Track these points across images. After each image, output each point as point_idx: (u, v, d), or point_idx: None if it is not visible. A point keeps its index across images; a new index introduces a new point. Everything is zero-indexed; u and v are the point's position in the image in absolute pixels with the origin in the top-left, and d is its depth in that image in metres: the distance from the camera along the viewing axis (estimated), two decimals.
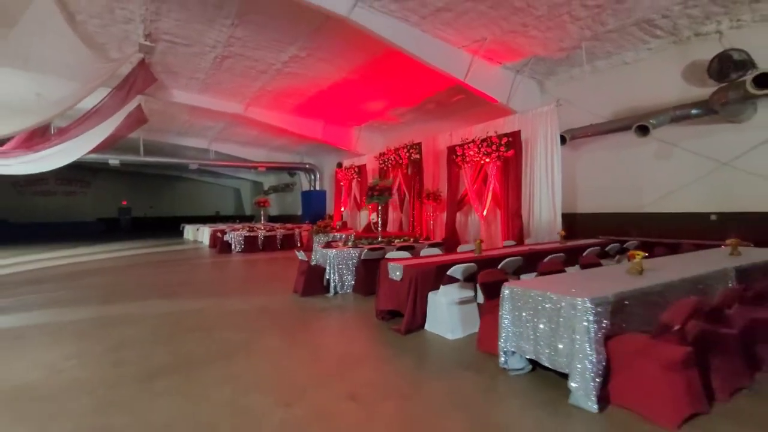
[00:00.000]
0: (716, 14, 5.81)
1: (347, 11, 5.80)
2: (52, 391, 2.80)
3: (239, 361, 3.31)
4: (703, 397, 2.32)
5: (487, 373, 2.97)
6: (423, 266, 4.05)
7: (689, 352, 2.25)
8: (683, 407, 2.19)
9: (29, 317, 4.74)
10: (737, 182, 6.08)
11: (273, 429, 2.29)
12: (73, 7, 6.16)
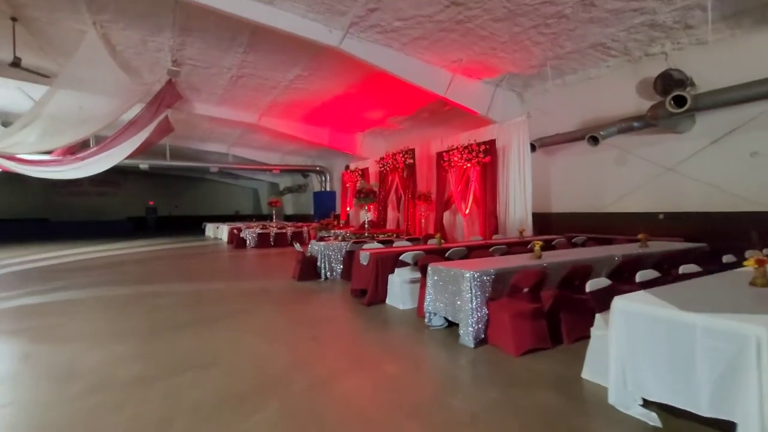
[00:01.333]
0: (659, 38, 6.73)
1: (338, 42, 7.01)
2: (110, 335, 4.12)
3: (240, 320, 4.57)
4: (548, 339, 3.41)
5: (416, 329, 4.12)
6: (385, 254, 5.22)
7: (532, 307, 3.35)
8: (525, 343, 3.28)
9: (85, 292, 6.17)
10: (680, 185, 6.99)
11: (257, 355, 3.51)
12: (114, 41, 7.62)
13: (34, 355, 3.51)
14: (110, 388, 2.83)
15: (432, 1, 6.00)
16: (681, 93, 5.75)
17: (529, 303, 3.42)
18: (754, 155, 6.17)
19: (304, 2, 6.15)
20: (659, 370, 2.18)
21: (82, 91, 7.85)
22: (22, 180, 16.09)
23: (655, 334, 2.21)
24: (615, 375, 2.37)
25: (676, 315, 2.12)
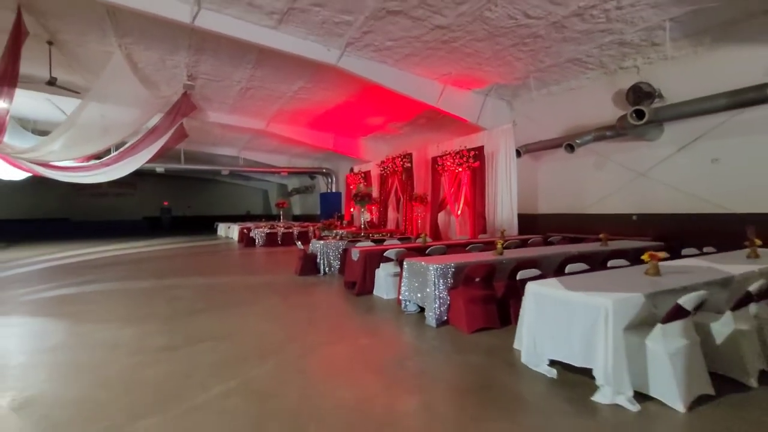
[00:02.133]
0: (630, 53, 7.39)
1: (336, 60, 7.83)
2: (139, 317, 5.01)
3: (247, 306, 5.42)
4: (497, 319, 4.18)
5: (393, 314, 4.92)
6: (372, 251, 6.03)
7: (483, 294, 4.12)
8: (476, 323, 4.06)
9: (113, 284, 7.12)
10: (651, 189, 7.65)
11: (260, 332, 4.35)
12: (136, 59, 8.56)
13: (81, 331, 4.41)
14: (145, 353, 3.69)
15: (418, 25, 6.78)
16: (640, 107, 6.42)
17: (482, 290, 4.19)
18: (714, 162, 6.81)
19: (305, 27, 6.98)
20: (555, 335, 2.95)
21: (108, 104, 8.80)
22: (45, 183, 17.28)
23: (553, 308, 2.97)
24: (527, 341, 3.14)
25: (564, 294, 2.89)
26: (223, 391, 2.86)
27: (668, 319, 2.52)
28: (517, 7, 6.10)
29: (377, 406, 2.66)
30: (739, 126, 6.45)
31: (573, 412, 2.53)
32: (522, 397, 2.77)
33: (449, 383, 3.02)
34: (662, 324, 2.53)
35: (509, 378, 3.05)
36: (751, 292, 2.77)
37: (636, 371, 2.59)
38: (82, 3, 6.30)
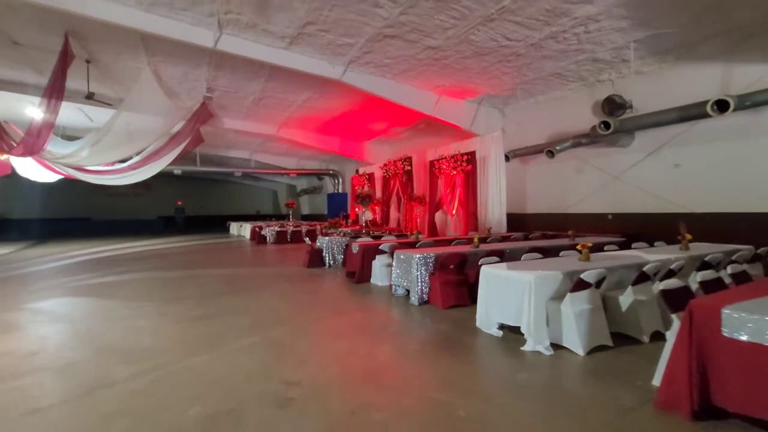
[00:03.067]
0: (605, 68, 8.29)
1: (340, 75, 8.86)
2: (176, 298, 6.09)
3: (262, 290, 6.48)
4: (467, 298, 5.16)
5: (385, 296, 5.93)
6: (370, 244, 7.04)
7: (456, 278, 5.11)
8: (449, 301, 5.05)
9: (147, 274, 8.24)
10: (624, 191, 8.55)
11: (274, 308, 5.39)
12: (162, 74, 9.68)
13: (134, 306, 5.49)
14: (188, 321, 4.75)
15: (412, 46, 7.77)
16: (606, 119, 7.33)
17: (455, 276, 5.17)
18: (676, 167, 7.70)
19: (312, 48, 8.02)
20: (499, 303, 3.93)
21: (137, 113, 9.93)
22: (68, 184, 18.63)
23: (497, 284, 3.96)
24: (480, 309, 4.13)
25: (505, 273, 3.87)
26: (250, 342, 3.91)
27: (575, 289, 3.49)
28: (498, 31, 7.06)
29: (362, 350, 3.68)
30: (697, 135, 7.33)
31: (505, 355, 3.52)
32: (471, 347, 3.76)
33: (419, 339, 4.02)
34: (570, 293, 3.49)
35: (466, 337, 4.03)
36: (646, 272, 3.72)
37: (554, 327, 3.57)
38: (120, 30, 7.40)
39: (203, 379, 3.08)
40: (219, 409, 2.60)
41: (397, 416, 2.54)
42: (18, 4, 6.16)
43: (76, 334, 4.31)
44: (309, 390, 2.90)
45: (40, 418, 2.55)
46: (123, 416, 2.54)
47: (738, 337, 2.19)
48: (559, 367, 3.26)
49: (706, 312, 2.34)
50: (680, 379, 2.39)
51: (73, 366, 3.38)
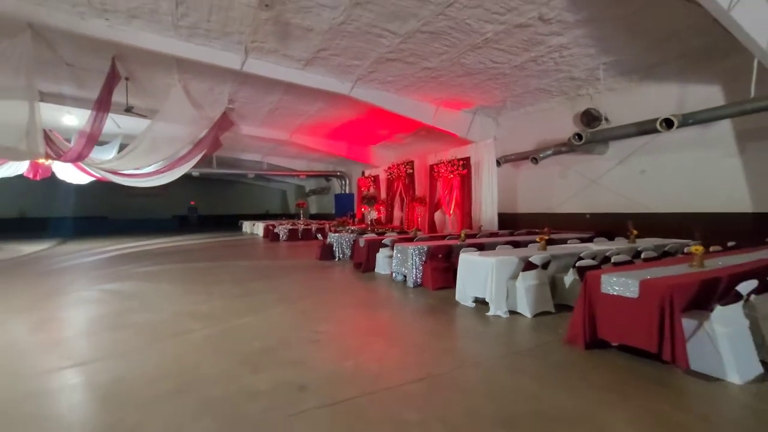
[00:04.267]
0: (582, 85, 9.52)
1: (348, 90, 10.17)
2: (215, 282, 7.42)
3: (282, 277, 7.79)
4: (453, 282, 6.41)
5: (387, 282, 7.21)
6: (375, 239, 8.33)
7: (443, 265, 6.38)
8: (437, 284, 6.32)
9: (181, 265, 9.61)
10: (600, 193, 9.76)
11: (292, 289, 6.69)
12: (189, 89, 11.04)
13: (183, 287, 6.83)
14: (229, 297, 6.08)
15: (411, 67, 9.05)
16: (579, 132, 8.56)
17: (443, 263, 6.45)
18: (642, 173, 8.91)
19: (324, 68, 9.33)
20: (472, 281, 5.20)
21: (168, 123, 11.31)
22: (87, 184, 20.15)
23: (470, 266, 5.23)
24: (458, 286, 5.42)
25: (476, 258, 5.15)
26: (281, 310, 5.23)
27: (525, 269, 4.75)
28: (484, 56, 8.32)
29: (367, 315, 5.00)
30: (659, 146, 8.54)
31: (473, 318, 4.80)
32: (450, 313, 5.04)
33: (411, 309, 5.32)
34: (522, 272, 4.76)
35: (447, 307, 5.32)
36: (582, 257, 4.97)
37: (511, 298, 4.84)
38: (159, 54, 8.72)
39: (255, 330, 4.40)
40: (272, 344, 3.92)
41: (390, 348, 3.84)
42: (79, 35, 7.50)
43: (148, 304, 5.66)
44: (330, 335, 4.20)
45: (157, 347, 3.87)
46: (208, 347, 3.86)
47: (609, 292, 3.45)
48: (510, 325, 4.53)
49: (593, 278, 3.60)
50: (578, 323, 3.66)
51: (158, 322, 4.72)
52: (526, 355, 3.65)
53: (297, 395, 2.84)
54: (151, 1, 6.82)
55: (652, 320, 3.12)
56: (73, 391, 2.97)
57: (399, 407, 2.67)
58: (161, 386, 3.00)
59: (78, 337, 4.27)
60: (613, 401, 2.72)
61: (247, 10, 6.91)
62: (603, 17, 6.69)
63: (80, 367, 3.40)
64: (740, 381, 2.89)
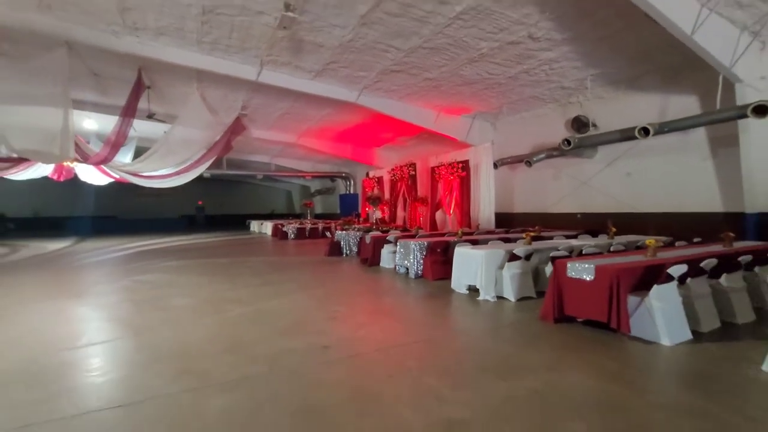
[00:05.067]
0: (573, 93, 10.34)
1: (355, 98, 11.03)
2: (236, 274, 8.29)
3: (295, 270, 8.66)
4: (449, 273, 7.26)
5: (391, 274, 8.07)
6: (380, 236, 9.19)
7: (442, 258, 7.23)
8: (436, 275, 7.17)
9: (201, 260, 10.50)
10: (590, 194, 10.57)
11: (307, 279, 7.56)
12: (206, 96, 11.93)
13: (211, 278, 7.70)
14: (251, 286, 6.95)
15: (413, 77, 9.90)
16: (568, 137, 9.38)
17: (441, 257, 7.30)
18: (628, 175, 9.72)
19: (333, 79, 10.19)
20: (466, 271, 6.05)
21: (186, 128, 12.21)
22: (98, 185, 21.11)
23: (464, 258, 6.08)
24: (454, 276, 6.27)
25: (469, 251, 6.00)
26: (299, 296, 6.11)
27: (510, 260, 5.60)
28: (481, 68, 9.17)
29: (374, 300, 5.86)
30: (643, 150, 9.34)
31: (466, 302, 5.64)
32: (445, 299, 5.89)
33: (412, 296, 6.18)
34: (507, 263, 5.60)
35: (443, 294, 6.17)
36: (558, 249, 5.80)
37: (499, 285, 5.68)
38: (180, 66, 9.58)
39: (281, 310, 5.27)
40: (297, 320, 4.79)
41: (395, 323, 4.70)
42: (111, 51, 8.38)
43: (183, 291, 6.54)
44: (344, 314, 5.07)
45: (202, 321, 4.74)
46: (244, 322, 4.73)
47: (572, 276, 4.29)
48: (497, 307, 5.38)
49: (561, 264, 4.44)
50: (549, 302, 4.50)
51: (197, 304, 5.60)
52: (507, 328, 4.49)
53: (323, 352, 3.70)
54: (179, 21, 7.69)
55: (604, 297, 3.96)
56: (144, 349, 3.83)
57: (402, 359, 3.53)
58: (214, 347, 3.86)
59: (133, 314, 5.14)
60: (567, 356, 3.56)
61: (266, 30, 7.78)
62: (587, 37, 7.53)
63: (144, 335, 4.26)
64: (670, 343, 3.72)
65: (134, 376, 3.21)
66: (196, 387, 2.97)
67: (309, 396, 2.84)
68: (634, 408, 2.63)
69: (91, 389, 3.01)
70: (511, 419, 2.52)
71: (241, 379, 3.12)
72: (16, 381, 3.09)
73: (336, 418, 2.53)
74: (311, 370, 3.31)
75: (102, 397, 2.86)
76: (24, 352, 3.76)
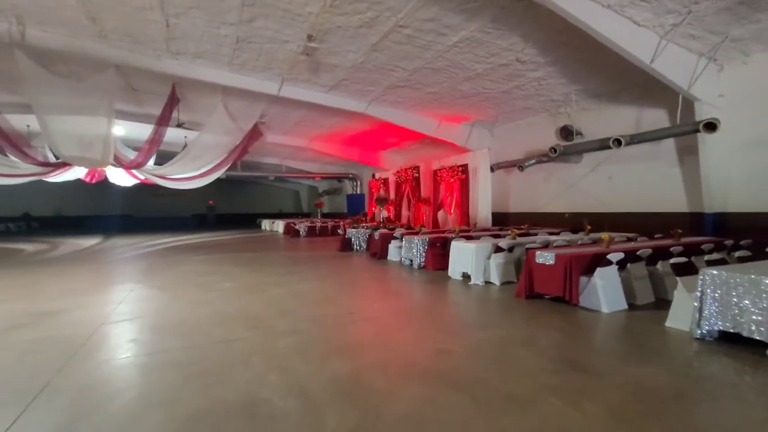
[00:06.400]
0: (561, 104, 11.65)
1: (364, 109, 12.38)
2: (264, 264, 9.68)
3: (311, 262, 10.04)
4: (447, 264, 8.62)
5: (396, 266, 9.43)
6: (387, 233, 10.55)
7: (441, 251, 8.59)
8: (436, 265, 8.52)
9: (229, 254, 11.91)
10: (577, 196, 11.88)
11: (322, 269, 8.93)
12: (228, 106, 13.33)
13: (242, 269, 9.08)
14: (279, 275, 8.33)
15: (417, 92, 11.24)
16: (554, 146, 10.69)
17: (440, 250, 8.65)
18: (609, 179, 11.02)
19: (345, 92, 11.55)
20: (460, 260, 7.40)
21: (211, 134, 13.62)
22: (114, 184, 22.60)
23: (459, 250, 7.43)
24: (450, 265, 7.63)
25: (463, 244, 7.35)
26: (322, 282, 7.50)
27: (495, 252, 6.94)
28: (477, 85, 10.50)
29: (383, 284, 7.22)
30: (622, 157, 10.63)
31: (460, 285, 7.00)
32: (442, 284, 7.25)
33: (414, 282, 7.54)
34: (494, 254, 6.95)
35: (441, 280, 7.53)
36: (535, 243, 7.13)
37: (487, 272, 7.02)
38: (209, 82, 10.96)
39: (309, 291, 6.65)
40: (325, 297, 6.18)
41: (401, 300, 6.06)
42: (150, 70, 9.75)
43: (224, 278, 7.94)
44: (361, 293, 6.46)
45: (248, 298, 6.11)
46: (284, 297, 6.11)
47: (539, 261, 5.62)
48: (484, 289, 6.73)
49: (531, 253, 5.78)
50: (522, 282, 5.84)
51: (239, 287, 6.99)
52: (489, 302, 5.85)
53: (349, 316, 5.09)
54: (215, 47, 9.07)
55: (562, 277, 5.29)
56: (219, 314, 5.19)
57: (408, 320, 4.91)
58: (268, 313, 5.23)
59: (199, 294, 6.49)
60: (529, 318, 4.91)
61: (290, 54, 9.16)
62: (567, 59, 8.84)
63: (214, 306, 5.64)
64: (607, 310, 5.06)
65: (224, 328, 4.60)
66: (265, 334, 4.35)
67: (344, 339, 4.23)
68: (568, 346, 3.98)
69: (206, 332, 4.43)
70: (481, 349, 3.88)
71: (295, 330, 4.50)
72: (176, 330, 4.51)
73: (362, 351, 3.91)
74: (342, 326, 4.69)
75: (216, 335, 4.28)
76: (156, 317, 5.17)
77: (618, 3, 6.64)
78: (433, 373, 3.32)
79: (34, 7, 7.51)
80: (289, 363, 3.52)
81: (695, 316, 3.94)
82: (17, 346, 4.00)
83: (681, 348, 3.87)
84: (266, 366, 3.45)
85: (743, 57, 8.10)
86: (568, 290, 5.24)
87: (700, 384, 3.12)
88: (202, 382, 3.14)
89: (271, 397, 2.88)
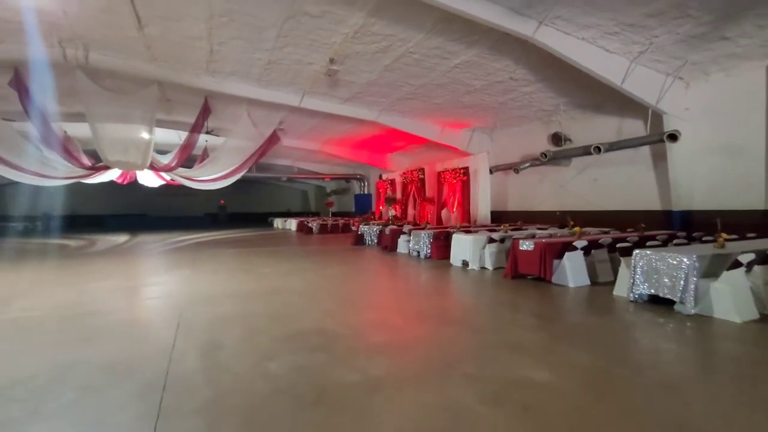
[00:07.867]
0: (552, 113, 13.16)
1: (375, 118, 13.95)
2: (285, 256, 11.25)
3: (325, 255, 11.61)
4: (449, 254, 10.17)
5: (405, 257, 10.99)
6: (396, 229, 12.11)
7: (444, 243, 10.13)
8: (440, 255, 10.07)
9: (251, 249, 13.51)
10: (566, 195, 13.39)
11: (335, 260, 10.49)
12: (252, 114, 14.91)
13: (269, 261, 10.64)
14: (303, 263, 9.89)
15: (424, 103, 12.80)
16: (544, 151, 12.21)
17: (443, 242, 10.19)
18: (595, 181, 12.53)
19: (359, 103, 13.12)
20: (460, 250, 8.95)
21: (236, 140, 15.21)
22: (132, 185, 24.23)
23: (459, 242, 8.98)
24: (452, 254, 9.22)
25: (463, 236, 8.91)
26: (345, 268, 9.07)
27: (489, 242, 8.48)
28: (476, 97, 12.05)
29: (395, 270, 8.79)
30: (605, 162, 12.14)
31: (459, 271, 8.55)
32: (445, 269, 8.80)
33: (420, 269, 9.10)
34: (488, 244, 8.49)
35: (444, 267, 9.07)
36: (523, 235, 8.66)
37: (482, 259, 8.57)
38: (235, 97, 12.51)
39: (336, 274, 8.20)
40: (352, 276, 7.73)
41: (410, 282, 7.62)
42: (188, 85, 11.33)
43: (263, 267, 9.50)
44: (377, 277, 8.01)
45: (288, 279, 7.67)
46: (318, 278, 7.67)
47: (522, 248, 7.16)
48: (480, 273, 8.27)
49: (516, 242, 7.32)
50: (509, 265, 7.39)
51: (280, 271, 8.54)
52: (483, 282, 7.40)
53: (370, 292, 6.65)
54: (247, 67, 10.65)
55: (538, 260, 6.83)
56: (270, 288, 6.73)
57: (417, 294, 6.48)
58: (309, 288, 6.79)
59: (247, 278, 8.04)
60: (512, 291, 6.46)
61: (313, 73, 10.73)
62: (555, 77, 10.36)
63: (265, 283, 7.20)
64: (573, 286, 6.60)
65: (279, 296, 6.17)
66: (311, 300, 5.93)
67: (370, 301, 5.82)
68: (538, 307, 5.54)
69: (268, 298, 5.99)
70: (472, 309, 5.45)
71: (333, 296, 6.10)
72: (246, 297, 6.09)
73: (385, 307, 5.48)
74: (368, 294, 6.27)
75: (276, 300, 5.84)
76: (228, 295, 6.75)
77: (591, 36, 8.18)
78: (437, 318, 4.89)
79: (99, 36, 9.12)
80: (335, 314, 5.10)
81: (629, 283, 5.48)
82: (144, 303, 5.60)
83: (618, 306, 5.41)
84: (321, 315, 5.03)
85: (705, 76, 9.58)
86: (543, 270, 6.77)
87: (622, 324, 4.67)
88: (281, 322, 4.71)
89: (332, 328, 4.45)
